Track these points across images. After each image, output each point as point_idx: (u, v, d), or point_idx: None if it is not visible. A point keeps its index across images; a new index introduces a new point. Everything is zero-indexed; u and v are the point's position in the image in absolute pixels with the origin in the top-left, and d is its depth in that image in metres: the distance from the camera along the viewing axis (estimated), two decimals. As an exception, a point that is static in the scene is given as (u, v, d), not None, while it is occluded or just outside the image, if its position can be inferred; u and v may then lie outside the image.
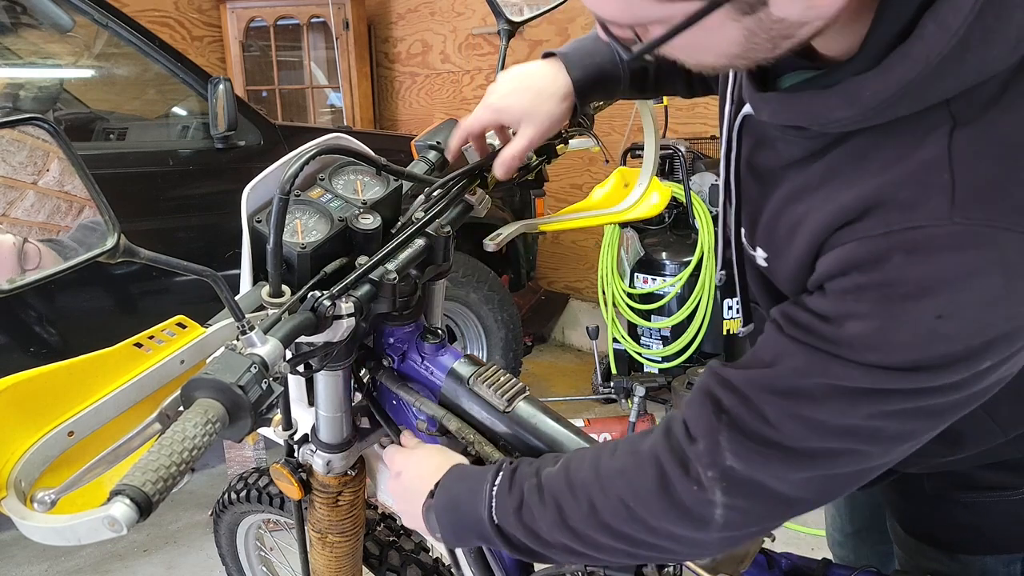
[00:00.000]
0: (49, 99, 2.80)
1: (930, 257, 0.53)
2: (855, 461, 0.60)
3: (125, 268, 2.39)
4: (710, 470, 0.62)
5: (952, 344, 0.54)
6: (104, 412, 0.73)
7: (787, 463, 0.60)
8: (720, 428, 0.62)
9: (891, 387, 0.56)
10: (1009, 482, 0.80)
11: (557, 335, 4.17)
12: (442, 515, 0.79)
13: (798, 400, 0.59)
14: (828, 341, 0.58)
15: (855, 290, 0.57)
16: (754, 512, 0.63)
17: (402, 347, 0.95)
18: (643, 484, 0.66)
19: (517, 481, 0.74)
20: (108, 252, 0.63)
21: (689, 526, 0.65)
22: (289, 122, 4.16)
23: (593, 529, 0.69)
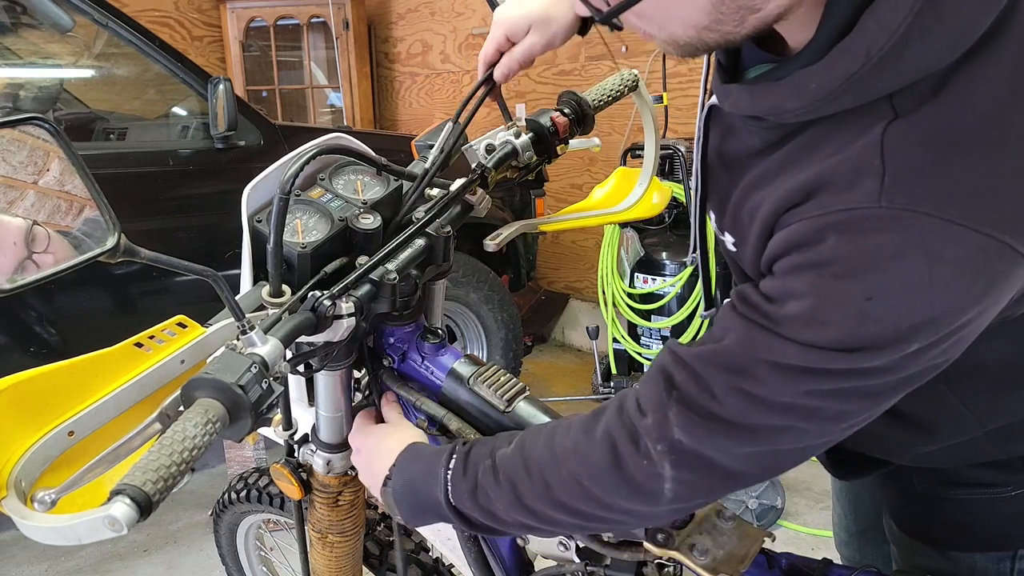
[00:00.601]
0: (49, 99, 2.80)
1: (858, 238, 0.56)
2: (795, 438, 0.62)
3: (125, 268, 2.39)
4: (659, 444, 0.64)
5: (880, 326, 0.56)
6: (104, 412, 0.73)
7: (731, 438, 0.62)
8: (670, 403, 0.64)
9: (825, 367, 0.58)
10: (1000, 479, 0.80)
11: (557, 335, 4.17)
12: (400, 498, 0.81)
13: (742, 376, 0.61)
14: (770, 319, 0.60)
15: (794, 270, 0.59)
16: (700, 485, 0.65)
17: (402, 347, 0.95)
18: (595, 462, 0.68)
19: (471, 463, 0.76)
20: (109, 252, 0.64)
21: (640, 500, 0.67)
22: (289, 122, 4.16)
23: (548, 507, 0.70)
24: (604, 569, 0.88)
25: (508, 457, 0.74)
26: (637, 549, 0.83)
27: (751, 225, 0.67)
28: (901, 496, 0.91)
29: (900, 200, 0.55)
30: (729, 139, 0.75)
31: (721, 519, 0.82)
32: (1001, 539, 0.83)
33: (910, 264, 0.54)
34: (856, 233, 0.56)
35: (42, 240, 0.70)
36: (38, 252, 0.73)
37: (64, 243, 0.67)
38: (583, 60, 3.76)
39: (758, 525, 1.19)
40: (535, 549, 0.96)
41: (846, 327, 0.57)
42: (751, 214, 0.67)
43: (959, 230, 0.54)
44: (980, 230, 0.54)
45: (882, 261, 0.55)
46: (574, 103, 1.02)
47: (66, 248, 0.67)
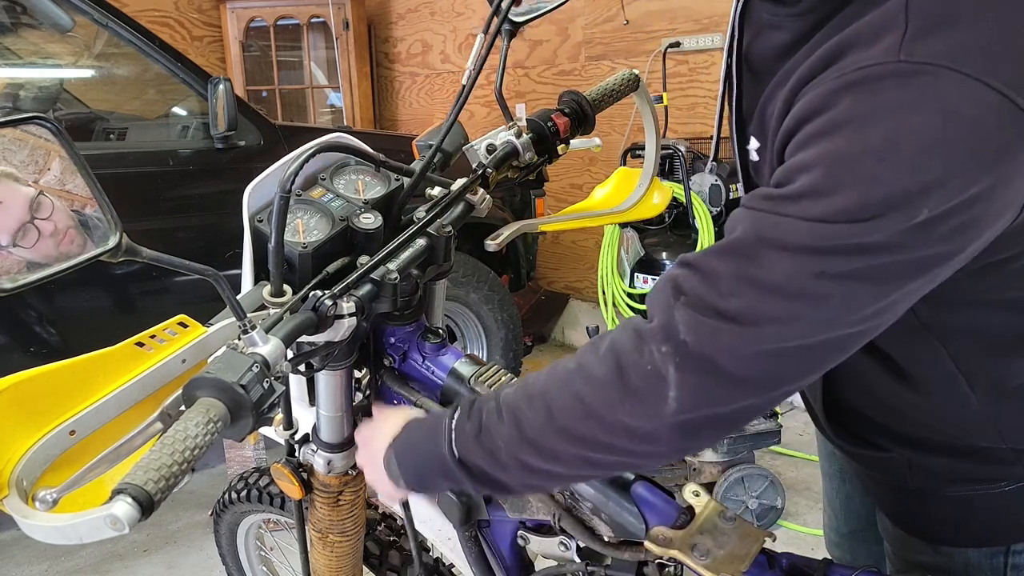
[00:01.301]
0: (49, 99, 2.80)
1: (873, 93, 0.55)
2: (802, 331, 0.60)
3: (126, 268, 2.39)
4: (664, 345, 0.62)
5: (890, 187, 0.54)
6: (105, 411, 0.73)
7: (737, 335, 0.60)
8: (676, 305, 0.62)
9: (834, 242, 0.56)
10: (994, 474, 0.80)
11: (557, 335, 4.17)
12: (402, 457, 0.80)
13: (749, 262, 0.59)
14: (779, 201, 0.59)
15: (806, 141, 0.58)
16: (705, 391, 0.62)
17: (403, 347, 0.95)
18: (598, 375, 0.66)
19: (476, 408, 0.75)
20: (110, 251, 0.64)
21: (642, 413, 0.64)
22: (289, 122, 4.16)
23: (550, 435, 0.68)
24: (604, 569, 0.88)
25: (512, 394, 0.73)
26: (638, 549, 0.83)
27: (772, 119, 0.66)
28: (895, 492, 0.91)
29: (920, 53, 0.54)
30: (759, 40, 0.74)
31: (722, 519, 0.82)
32: (994, 534, 0.83)
33: (924, 120, 0.54)
34: (872, 91, 0.55)
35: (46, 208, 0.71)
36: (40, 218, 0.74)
37: (67, 214, 0.68)
38: (583, 60, 3.77)
39: (758, 525, 1.19)
40: (535, 549, 0.96)
41: (855, 192, 0.55)
42: (775, 108, 0.66)
43: (976, 85, 0.53)
44: (997, 88, 0.53)
45: (896, 117, 0.54)
46: (575, 103, 1.02)
47: (67, 219, 0.68)
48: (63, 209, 0.68)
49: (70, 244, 0.86)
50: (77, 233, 0.66)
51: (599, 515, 0.85)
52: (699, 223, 2.75)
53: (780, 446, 2.51)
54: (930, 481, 0.85)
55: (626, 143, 3.40)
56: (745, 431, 2.21)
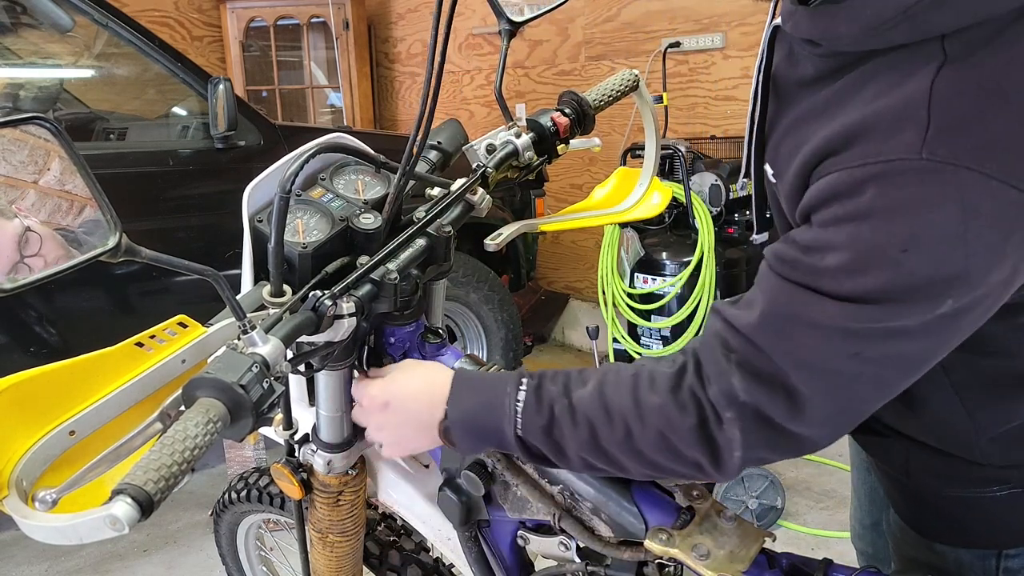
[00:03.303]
0: (49, 99, 2.80)
1: (897, 189, 0.57)
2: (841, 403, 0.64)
3: (126, 268, 2.39)
4: (728, 411, 0.66)
5: (915, 278, 0.57)
6: (105, 411, 0.73)
7: (788, 402, 0.64)
8: (731, 369, 0.66)
9: (865, 325, 0.59)
10: (992, 477, 0.80)
11: (557, 335, 4.17)
12: (459, 429, 0.79)
13: (789, 341, 0.63)
14: (809, 274, 0.61)
15: (834, 221, 0.60)
16: (766, 443, 0.66)
17: (403, 347, 0.95)
18: (683, 422, 0.69)
19: (545, 400, 0.75)
20: (110, 251, 0.64)
21: (712, 459, 0.68)
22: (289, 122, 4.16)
23: (624, 453, 0.72)
24: (605, 569, 0.88)
25: (587, 400, 0.74)
26: (638, 549, 0.83)
27: (790, 161, 0.68)
28: (897, 485, 0.91)
29: (941, 153, 0.55)
30: (787, 64, 0.75)
31: (722, 519, 0.82)
32: (986, 538, 0.84)
33: (944, 216, 0.55)
34: (894, 185, 0.56)
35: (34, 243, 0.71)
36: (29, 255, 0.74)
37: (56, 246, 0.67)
38: (583, 60, 3.76)
39: (758, 525, 1.19)
40: (535, 549, 0.96)
41: (883, 277, 0.57)
42: (792, 151, 0.68)
43: (997, 185, 0.54)
44: (1018, 187, 0.54)
45: (918, 213, 0.56)
46: (575, 103, 1.02)
47: (57, 250, 0.67)
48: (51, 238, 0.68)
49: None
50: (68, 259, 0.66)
51: (599, 515, 0.85)
52: (699, 223, 2.75)
53: (780, 446, 2.50)
54: (927, 478, 0.85)
55: (626, 143, 3.40)
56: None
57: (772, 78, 0.78)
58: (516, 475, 0.88)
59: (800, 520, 2.36)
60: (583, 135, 1.05)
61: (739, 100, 3.18)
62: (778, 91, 0.77)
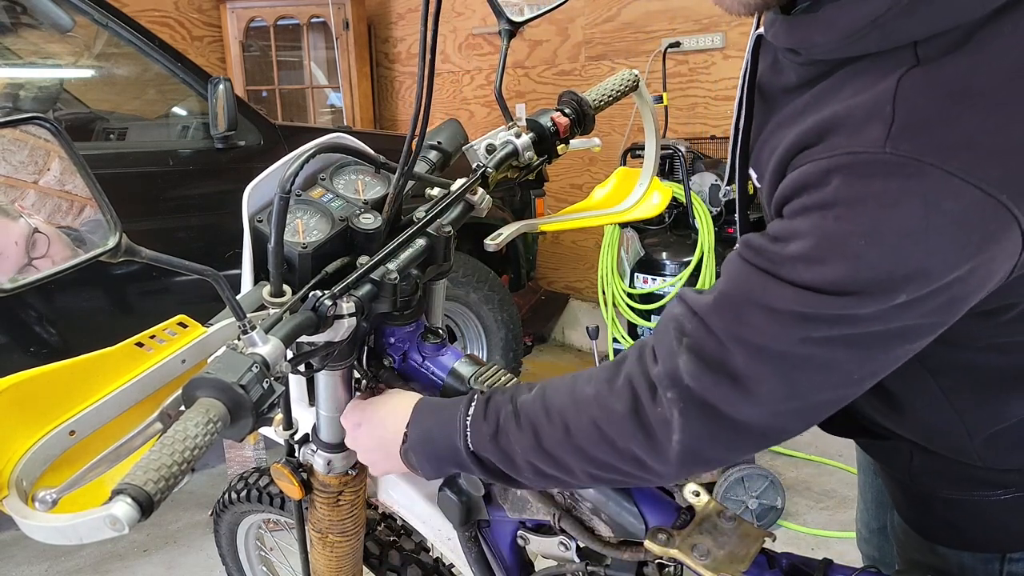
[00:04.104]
0: (49, 99, 2.80)
1: (860, 181, 0.57)
2: (792, 393, 0.63)
3: (126, 268, 2.39)
4: (670, 391, 0.65)
5: (874, 271, 0.57)
6: (105, 411, 0.73)
7: (734, 389, 0.63)
8: (680, 351, 0.65)
9: (818, 311, 0.59)
10: (994, 480, 0.80)
11: (557, 335, 4.17)
12: (418, 449, 0.82)
13: (740, 323, 0.63)
14: (772, 261, 0.62)
15: (801, 210, 0.60)
16: (707, 435, 0.66)
17: (403, 347, 0.95)
18: (615, 408, 0.69)
19: (492, 409, 0.77)
20: (110, 251, 0.64)
21: (650, 449, 0.68)
22: (289, 122, 4.16)
23: (566, 452, 0.72)
24: (604, 569, 0.88)
25: (530, 403, 0.75)
26: (637, 549, 0.83)
27: (768, 163, 0.68)
28: (901, 487, 0.91)
29: (905, 148, 0.56)
30: (772, 72, 0.77)
31: (722, 519, 0.82)
32: (989, 541, 0.83)
33: (907, 211, 0.56)
34: (859, 176, 0.57)
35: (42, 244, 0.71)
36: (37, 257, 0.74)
37: (63, 246, 0.68)
38: (583, 60, 3.76)
39: (758, 525, 1.19)
40: (535, 549, 0.96)
41: (842, 269, 0.58)
42: (770, 153, 0.69)
43: (959, 184, 0.55)
44: (979, 186, 0.55)
45: (880, 206, 0.56)
46: (575, 103, 1.02)
47: (65, 251, 0.68)
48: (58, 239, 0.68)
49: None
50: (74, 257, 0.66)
51: (599, 515, 0.85)
52: (699, 223, 2.75)
53: (780, 446, 2.51)
54: (929, 480, 0.85)
55: (626, 143, 3.40)
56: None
57: (758, 86, 0.79)
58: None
59: (800, 520, 2.37)
60: (583, 135, 1.05)
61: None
62: (764, 98, 0.78)
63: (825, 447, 2.69)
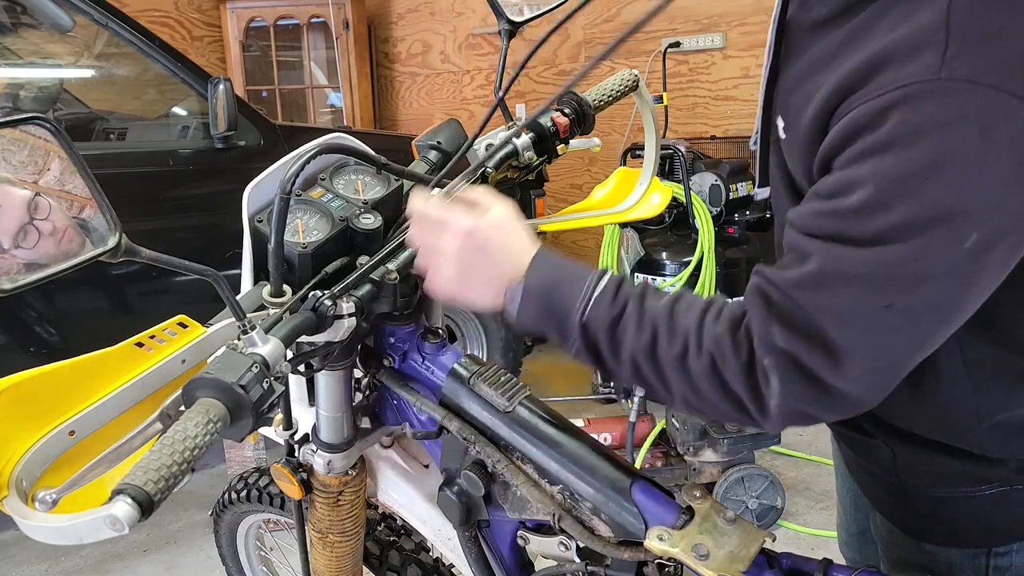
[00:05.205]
0: (49, 99, 2.80)
1: (917, 114, 0.56)
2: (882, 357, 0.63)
3: (125, 268, 2.39)
4: (766, 358, 0.65)
5: (937, 207, 0.56)
6: (105, 411, 0.73)
7: (827, 357, 0.62)
8: (771, 321, 0.65)
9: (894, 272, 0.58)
10: (976, 476, 0.80)
11: (557, 335, 4.17)
12: (530, 295, 0.77)
13: (822, 296, 0.62)
14: (835, 219, 0.60)
15: (858, 157, 0.59)
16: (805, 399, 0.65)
17: (403, 347, 0.95)
18: (733, 358, 0.68)
19: (621, 296, 0.74)
20: (110, 251, 0.64)
21: (756, 404, 0.67)
22: (289, 122, 4.16)
23: (674, 369, 0.71)
24: (604, 569, 0.87)
25: (658, 309, 0.73)
26: (638, 549, 0.83)
27: (803, 110, 0.66)
28: (883, 485, 0.91)
29: (961, 71, 0.54)
30: (800, 8, 0.74)
31: (722, 519, 0.82)
32: (975, 536, 0.83)
33: (965, 139, 0.54)
34: (914, 110, 0.56)
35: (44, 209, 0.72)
36: (39, 219, 0.76)
37: (64, 213, 0.68)
38: (583, 60, 3.76)
39: (758, 525, 1.19)
40: (535, 549, 0.96)
41: (907, 211, 0.56)
42: (805, 99, 0.67)
43: (1018, 104, 0.53)
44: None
45: (938, 137, 0.55)
46: (574, 103, 1.02)
47: (65, 218, 0.69)
48: (60, 208, 0.69)
49: (69, 243, 0.87)
50: (75, 232, 0.67)
51: (599, 515, 0.85)
52: (699, 223, 2.75)
53: (780, 446, 2.51)
54: (913, 476, 0.85)
55: (626, 143, 3.40)
56: (745, 431, 2.21)
57: (787, 25, 0.76)
58: (516, 475, 0.88)
59: (800, 520, 2.37)
60: (583, 135, 1.05)
61: (739, 100, 3.18)
62: (793, 36, 0.75)
63: (825, 447, 2.69)
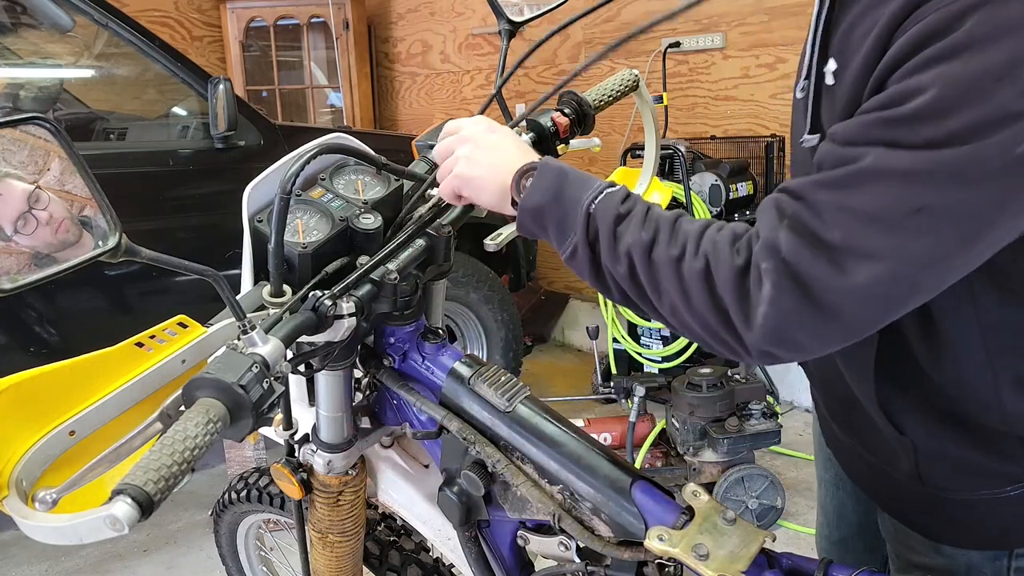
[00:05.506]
0: (49, 99, 2.80)
1: (996, 12, 0.54)
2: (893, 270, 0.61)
3: (126, 268, 2.39)
4: (765, 261, 0.64)
5: (1004, 110, 0.54)
6: (105, 411, 0.73)
7: (833, 266, 0.61)
8: (780, 227, 0.64)
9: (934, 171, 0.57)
10: (1004, 474, 0.79)
11: (557, 335, 4.17)
12: (544, 175, 0.78)
13: (848, 192, 0.61)
14: (883, 127, 0.59)
15: (923, 65, 0.57)
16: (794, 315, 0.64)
17: (403, 347, 0.95)
18: (729, 260, 0.68)
19: (631, 199, 0.76)
20: (110, 251, 0.64)
21: (741, 314, 0.66)
22: (289, 122, 4.17)
23: (668, 269, 0.71)
24: (604, 569, 0.88)
25: (663, 215, 0.74)
26: (638, 549, 0.83)
27: (864, 40, 0.65)
28: (900, 488, 0.91)
29: None
30: None
31: (722, 519, 0.82)
32: (999, 538, 0.83)
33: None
34: (995, 9, 0.54)
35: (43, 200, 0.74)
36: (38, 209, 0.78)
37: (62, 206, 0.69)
38: (583, 60, 3.76)
39: (758, 525, 1.19)
40: (535, 549, 0.96)
41: (970, 115, 0.55)
42: (864, 33, 0.66)
43: None
44: None
45: (1020, 35, 0.53)
46: (574, 103, 1.02)
47: (63, 210, 0.70)
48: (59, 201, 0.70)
49: (66, 233, 0.89)
50: (72, 223, 0.68)
51: (599, 515, 0.85)
52: (699, 223, 2.75)
53: (780, 446, 2.51)
54: (935, 478, 0.84)
55: (626, 143, 3.40)
56: (745, 431, 2.21)
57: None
58: (516, 475, 0.88)
59: (800, 520, 2.37)
60: (583, 135, 1.05)
61: (739, 100, 3.18)
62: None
63: (825, 447, 2.69)
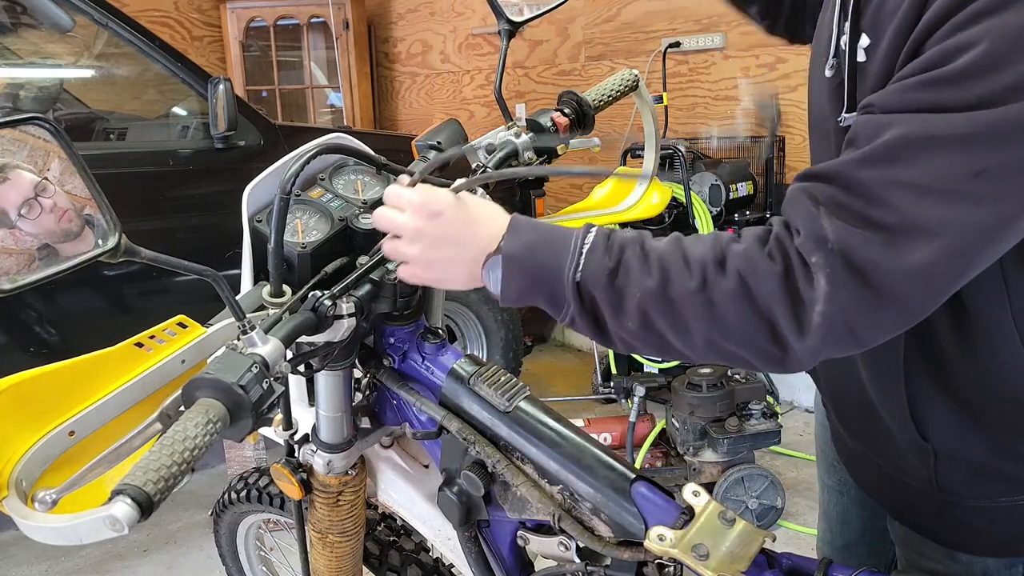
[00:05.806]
0: (49, 99, 2.80)
1: None
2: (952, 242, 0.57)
3: (126, 268, 2.39)
4: (814, 255, 0.60)
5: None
6: (105, 412, 0.73)
7: (887, 244, 0.58)
8: (820, 215, 0.60)
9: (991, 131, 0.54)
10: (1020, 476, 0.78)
11: (557, 335, 4.17)
12: (512, 264, 0.71)
13: (895, 165, 0.57)
14: (928, 88, 0.56)
15: (970, 20, 0.55)
16: (852, 306, 0.60)
17: (403, 347, 0.95)
18: (766, 266, 0.63)
19: (615, 244, 0.69)
20: (109, 251, 0.64)
21: (792, 321, 0.62)
22: (289, 122, 4.17)
23: (694, 305, 0.64)
24: (604, 569, 0.87)
25: (663, 247, 0.68)
26: (638, 549, 0.83)
27: (896, 11, 0.62)
28: (916, 496, 0.89)
29: None
30: None
31: (722, 519, 0.82)
32: (1015, 545, 0.82)
33: None
34: None
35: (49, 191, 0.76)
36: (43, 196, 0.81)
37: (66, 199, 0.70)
38: (583, 60, 3.77)
39: (758, 525, 1.19)
40: (535, 549, 0.96)
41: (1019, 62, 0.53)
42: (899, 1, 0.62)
43: None
44: None
45: None
46: (574, 103, 1.02)
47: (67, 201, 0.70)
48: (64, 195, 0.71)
49: (69, 223, 0.90)
50: (75, 215, 0.68)
51: (599, 515, 0.85)
52: (699, 223, 2.74)
53: (780, 446, 2.51)
54: (953, 485, 0.83)
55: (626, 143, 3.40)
56: (745, 431, 2.21)
57: None
58: (516, 475, 0.88)
59: (800, 520, 2.36)
60: (583, 135, 1.05)
61: (739, 100, 3.18)
62: None
63: (825, 447, 2.69)
